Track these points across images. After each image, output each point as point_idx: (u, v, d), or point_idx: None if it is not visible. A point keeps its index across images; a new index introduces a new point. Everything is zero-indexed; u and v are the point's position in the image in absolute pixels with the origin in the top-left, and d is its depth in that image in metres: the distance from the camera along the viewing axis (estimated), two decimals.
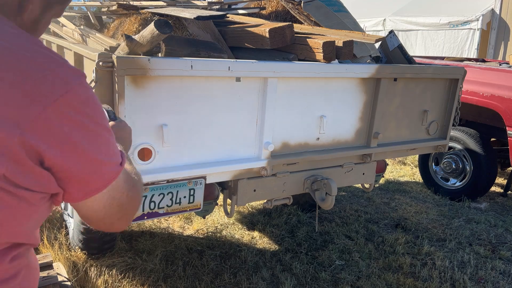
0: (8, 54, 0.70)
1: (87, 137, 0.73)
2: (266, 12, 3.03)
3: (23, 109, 0.68)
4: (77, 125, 0.71)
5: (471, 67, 3.93)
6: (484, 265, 2.97)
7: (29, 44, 0.73)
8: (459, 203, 4.12)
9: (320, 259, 2.92)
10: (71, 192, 0.75)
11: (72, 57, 2.17)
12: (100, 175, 0.76)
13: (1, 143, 0.66)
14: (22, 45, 0.72)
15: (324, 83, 2.19)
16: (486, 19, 8.78)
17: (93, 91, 0.79)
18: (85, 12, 3.54)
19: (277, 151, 2.16)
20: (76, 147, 0.72)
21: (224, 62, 1.83)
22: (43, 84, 0.69)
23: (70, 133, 0.71)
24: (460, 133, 4.11)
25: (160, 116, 1.77)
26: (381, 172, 2.79)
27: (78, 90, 0.72)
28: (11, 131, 0.66)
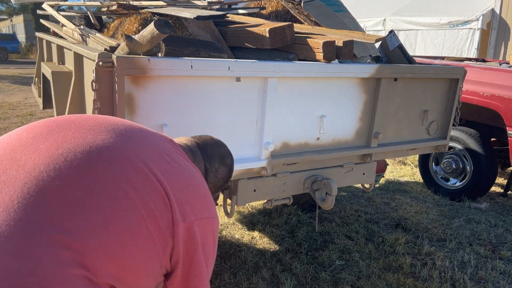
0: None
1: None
2: (266, 12, 3.03)
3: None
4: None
5: (471, 67, 3.92)
6: (484, 265, 2.96)
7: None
8: (459, 203, 4.12)
9: (320, 259, 2.91)
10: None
11: (72, 57, 2.17)
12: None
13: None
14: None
15: (324, 83, 2.19)
16: (486, 19, 8.77)
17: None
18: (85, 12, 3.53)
19: (277, 151, 2.16)
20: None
21: (224, 62, 1.83)
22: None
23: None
24: (460, 133, 4.11)
25: (160, 116, 1.77)
26: (381, 172, 2.79)
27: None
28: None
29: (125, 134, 0.96)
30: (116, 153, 0.89)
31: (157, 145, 0.99)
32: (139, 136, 0.98)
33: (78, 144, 0.88)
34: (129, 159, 0.89)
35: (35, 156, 0.85)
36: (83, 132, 0.92)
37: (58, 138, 0.89)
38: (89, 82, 1.68)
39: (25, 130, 0.94)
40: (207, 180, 1.25)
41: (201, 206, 0.97)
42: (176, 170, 0.96)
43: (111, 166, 0.87)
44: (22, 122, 6.80)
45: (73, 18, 3.60)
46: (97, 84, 1.63)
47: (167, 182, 0.91)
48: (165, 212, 0.89)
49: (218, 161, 1.26)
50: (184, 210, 0.92)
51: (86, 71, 1.98)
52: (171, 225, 0.90)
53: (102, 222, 0.81)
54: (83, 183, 0.82)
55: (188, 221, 0.93)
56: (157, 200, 0.88)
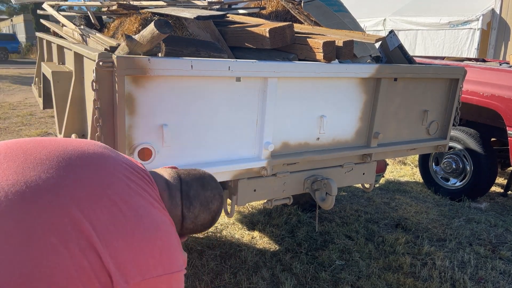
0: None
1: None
2: (266, 12, 3.03)
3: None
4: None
5: (471, 67, 3.92)
6: (484, 265, 2.97)
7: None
8: (459, 203, 4.12)
9: (320, 259, 2.91)
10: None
11: (72, 57, 2.17)
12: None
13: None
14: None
15: (324, 83, 2.19)
16: (486, 19, 8.77)
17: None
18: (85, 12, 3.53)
19: (277, 151, 2.16)
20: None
21: (224, 62, 1.83)
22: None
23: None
24: (460, 133, 4.11)
25: (160, 116, 1.77)
26: (381, 172, 2.79)
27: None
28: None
29: (78, 172, 0.86)
30: (52, 199, 0.79)
31: (115, 187, 0.88)
32: (95, 176, 0.87)
33: (15, 182, 0.79)
34: (68, 208, 0.79)
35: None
36: (27, 167, 0.82)
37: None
38: (89, 82, 1.68)
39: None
40: (182, 226, 1.11)
41: (154, 264, 0.86)
42: (127, 221, 0.85)
43: (42, 214, 0.77)
44: (22, 122, 6.80)
45: (73, 18, 3.60)
46: (97, 84, 1.63)
47: (109, 239, 0.81)
48: (101, 272, 0.80)
49: (200, 207, 1.12)
50: (127, 271, 0.82)
51: (86, 71, 1.99)
52: (110, 285, 0.81)
53: (22, 279, 0.72)
54: (7, 231, 0.73)
55: (132, 283, 0.82)
56: (93, 258, 0.79)
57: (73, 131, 2.13)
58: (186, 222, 1.11)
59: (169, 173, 1.13)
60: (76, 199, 0.81)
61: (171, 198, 1.07)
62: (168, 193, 1.07)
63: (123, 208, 0.86)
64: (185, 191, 1.10)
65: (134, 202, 0.89)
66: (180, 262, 0.92)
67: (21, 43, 26.93)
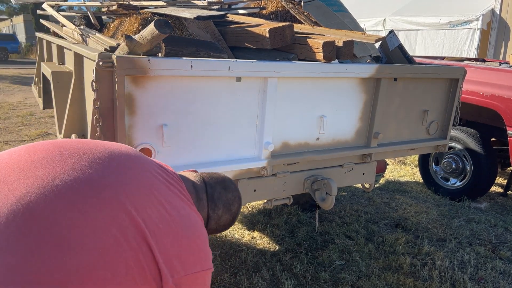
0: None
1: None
2: (266, 12, 3.03)
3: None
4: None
5: (471, 67, 3.93)
6: (484, 265, 2.97)
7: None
8: (459, 203, 4.12)
9: (320, 259, 2.91)
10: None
11: (72, 57, 2.17)
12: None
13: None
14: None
15: (324, 83, 2.19)
16: (486, 19, 8.77)
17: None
18: (85, 12, 3.53)
19: (277, 151, 2.16)
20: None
21: (224, 62, 1.83)
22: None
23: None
24: (460, 133, 4.11)
25: (160, 116, 1.77)
26: (381, 172, 2.79)
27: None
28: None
29: (128, 173, 0.92)
30: (112, 195, 0.85)
31: (158, 188, 0.94)
32: (142, 177, 0.93)
33: (75, 178, 0.84)
34: (124, 204, 0.85)
35: (28, 183, 0.81)
36: (84, 165, 0.88)
37: (56, 168, 0.86)
38: (89, 82, 1.68)
39: (27, 152, 0.91)
40: (207, 226, 1.19)
41: (193, 261, 0.93)
42: (173, 221, 0.91)
43: (104, 208, 0.82)
44: (22, 122, 6.80)
45: (73, 18, 3.61)
46: (97, 84, 1.63)
47: (159, 236, 0.87)
48: (153, 264, 0.85)
49: (223, 208, 1.19)
50: (173, 266, 0.88)
51: (86, 71, 1.99)
52: (158, 278, 0.86)
53: (88, 266, 0.76)
54: (73, 221, 0.78)
55: (176, 277, 0.88)
56: (146, 252, 0.84)
57: (73, 131, 2.13)
58: (210, 223, 1.18)
59: (194, 176, 1.20)
60: (129, 197, 0.87)
61: (199, 200, 1.14)
62: (196, 195, 1.13)
63: (167, 208, 0.92)
64: (210, 193, 1.17)
65: (175, 203, 0.95)
66: (211, 260, 1.00)
67: (21, 43, 26.93)
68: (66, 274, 0.74)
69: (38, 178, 0.82)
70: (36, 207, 0.77)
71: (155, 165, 1.01)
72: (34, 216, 0.76)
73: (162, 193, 0.93)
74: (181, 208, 0.96)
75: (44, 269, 0.72)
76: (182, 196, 1.00)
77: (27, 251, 0.73)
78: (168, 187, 0.97)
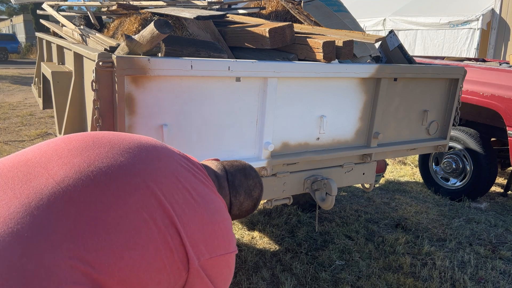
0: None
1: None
2: (266, 12, 3.03)
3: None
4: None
5: (471, 67, 3.93)
6: (484, 265, 2.97)
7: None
8: (459, 203, 4.12)
9: (320, 259, 2.91)
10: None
11: (72, 57, 2.17)
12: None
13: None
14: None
15: (324, 83, 2.19)
16: (486, 19, 8.78)
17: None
18: (85, 12, 3.53)
19: (277, 151, 2.16)
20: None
21: (224, 62, 1.83)
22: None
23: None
24: (460, 133, 4.11)
25: (160, 116, 1.77)
26: (381, 172, 2.79)
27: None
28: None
29: (155, 162, 0.97)
30: (142, 181, 0.91)
31: (184, 176, 1.00)
32: (169, 166, 0.99)
33: (109, 165, 0.91)
34: (154, 190, 0.91)
35: (66, 169, 0.88)
36: (116, 154, 0.94)
37: (91, 156, 0.92)
38: (89, 82, 1.68)
39: (64, 141, 0.97)
40: (230, 212, 1.24)
41: (218, 244, 0.99)
42: (198, 206, 0.97)
43: (136, 193, 0.88)
44: (22, 122, 6.80)
45: (73, 18, 3.60)
46: (97, 84, 1.63)
47: (185, 220, 0.93)
48: (180, 247, 0.91)
49: (245, 195, 1.25)
50: (199, 249, 0.94)
51: (86, 71, 1.98)
52: (185, 260, 0.92)
53: (121, 246, 0.82)
54: (107, 204, 0.84)
55: (202, 259, 0.94)
56: (174, 235, 0.90)
57: (73, 131, 2.13)
58: (233, 209, 1.24)
59: (216, 165, 1.26)
60: (158, 183, 0.93)
61: (221, 188, 1.19)
62: (217, 183, 1.19)
63: (193, 194, 0.97)
64: (231, 181, 1.23)
65: (200, 189, 1.01)
66: (235, 243, 1.06)
67: (21, 43, 26.92)
68: (101, 253, 0.80)
69: (75, 165, 0.89)
70: (74, 191, 0.84)
71: (180, 155, 1.07)
72: (73, 198, 0.83)
73: (188, 180, 0.99)
74: (205, 194, 1.01)
75: (82, 247, 0.78)
76: (206, 182, 1.05)
77: (67, 229, 0.79)
78: (193, 174, 1.03)
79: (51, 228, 0.78)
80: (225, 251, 1.00)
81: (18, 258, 0.73)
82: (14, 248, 0.74)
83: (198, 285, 0.96)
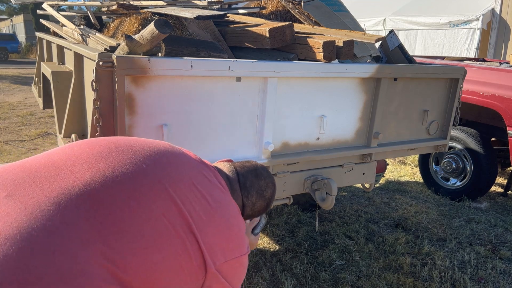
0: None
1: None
2: (266, 11, 3.03)
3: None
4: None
5: (472, 67, 3.92)
6: (484, 265, 2.97)
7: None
8: (459, 203, 4.12)
9: (320, 259, 2.91)
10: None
11: (72, 57, 2.17)
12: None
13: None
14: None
15: (324, 83, 2.18)
16: (487, 18, 8.77)
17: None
18: (85, 12, 3.53)
19: (277, 151, 2.16)
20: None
21: (224, 62, 1.83)
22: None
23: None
24: (460, 133, 4.11)
25: (160, 116, 1.77)
26: (381, 172, 2.79)
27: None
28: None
29: (175, 168, 1.01)
30: (164, 189, 0.94)
31: (201, 182, 1.03)
32: (187, 172, 1.02)
33: (132, 171, 0.94)
34: (174, 198, 0.94)
35: (92, 172, 0.91)
36: (138, 160, 0.98)
37: (115, 161, 0.95)
38: (89, 82, 1.68)
39: (88, 146, 1.00)
40: (243, 213, 1.27)
41: (233, 248, 1.03)
42: (214, 212, 1.00)
43: (158, 199, 0.92)
44: (22, 122, 6.80)
45: (73, 18, 3.60)
46: (97, 84, 1.63)
47: (202, 226, 0.96)
48: (198, 252, 0.95)
49: (257, 195, 1.27)
50: (215, 254, 0.98)
51: (86, 71, 1.98)
52: (203, 265, 0.96)
53: (144, 249, 0.86)
54: (132, 208, 0.88)
55: (218, 264, 0.99)
56: (192, 241, 0.94)
57: (73, 131, 2.13)
58: (246, 210, 1.26)
59: (227, 167, 1.28)
60: (177, 190, 0.96)
61: (233, 190, 1.22)
62: (229, 184, 1.22)
63: (209, 199, 1.01)
64: (243, 183, 1.25)
65: (216, 194, 1.04)
66: (247, 245, 1.10)
67: (21, 43, 26.91)
68: (126, 254, 0.83)
69: (100, 169, 0.92)
70: (100, 193, 0.87)
71: (197, 160, 1.11)
72: (99, 201, 0.86)
73: (204, 186, 1.03)
74: (221, 199, 1.05)
75: (109, 248, 0.82)
76: (221, 187, 1.09)
77: (95, 230, 0.82)
78: (209, 180, 1.06)
79: (80, 227, 0.81)
80: (240, 254, 1.05)
81: (52, 253, 0.75)
82: (47, 244, 0.76)
83: (215, 286, 1.01)
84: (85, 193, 0.86)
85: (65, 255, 0.76)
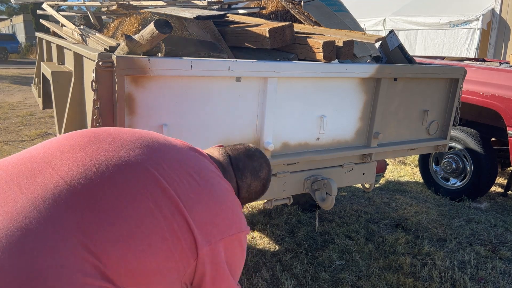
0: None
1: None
2: (266, 11, 3.03)
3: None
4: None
5: (471, 67, 3.92)
6: (484, 265, 2.96)
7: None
8: (459, 203, 4.12)
9: (320, 259, 2.91)
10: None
11: (72, 57, 2.17)
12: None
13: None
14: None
15: (324, 83, 2.18)
16: (487, 18, 8.77)
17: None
18: (85, 12, 3.53)
19: (277, 151, 2.16)
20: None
21: (224, 62, 1.83)
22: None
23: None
24: (460, 133, 4.11)
25: (160, 116, 1.77)
26: (381, 172, 2.79)
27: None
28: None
29: (157, 151, 0.99)
30: (145, 171, 0.92)
31: (187, 162, 1.01)
32: (170, 153, 1.01)
33: (111, 157, 0.92)
34: (157, 178, 0.92)
35: (69, 163, 0.90)
36: (117, 146, 0.96)
37: (93, 149, 0.94)
38: (89, 82, 1.68)
39: (65, 138, 1.00)
40: (239, 196, 1.24)
41: (228, 224, 0.99)
42: (203, 189, 0.98)
43: (139, 183, 0.90)
44: (22, 122, 6.80)
45: (73, 18, 3.61)
46: (97, 84, 1.63)
47: (191, 204, 0.93)
48: (188, 233, 0.91)
49: (251, 177, 1.24)
50: (209, 232, 0.95)
51: (86, 71, 1.98)
52: (194, 247, 0.92)
53: (126, 236, 0.83)
54: (111, 195, 0.86)
55: (213, 242, 0.95)
56: (181, 221, 0.91)
57: (73, 130, 2.13)
58: (242, 192, 1.24)
59: (219, 151, 1.27)
60: (160, 170, 0.94)
61: (226, 172, 1.20)
62: (222, 168, 1.20)
63: (197, 179, 0.99)
64: (235, 164, 1.23)
65: (205, 174, 1.02)
66: (245, 223, 1.07)
67: (21, 43, 26.92)
68: (107, 244, 0.81)
69: (78, 159, 0.91)
70: (78, 184, 0.86)
71: (183, 144, 1.10)
72: (77, 191, 0.85)
73: (191, 166, 1.01)
74: (210, 177, 1.02)
75: (89, 239, 0.80)
76: (211, 167, 1.08)
77: (74, 222, 0.81)
78: (196, 160, 1.04)
79: (58, 220, 0.80)
80: (237, 231, 1.01)
81: (29, 251, 0.75)
82: (25, 243, 0.75)
83: (211, 270, 0.97)
84: (63, 185, 0.85)
85: (42, 252, 0.75)
